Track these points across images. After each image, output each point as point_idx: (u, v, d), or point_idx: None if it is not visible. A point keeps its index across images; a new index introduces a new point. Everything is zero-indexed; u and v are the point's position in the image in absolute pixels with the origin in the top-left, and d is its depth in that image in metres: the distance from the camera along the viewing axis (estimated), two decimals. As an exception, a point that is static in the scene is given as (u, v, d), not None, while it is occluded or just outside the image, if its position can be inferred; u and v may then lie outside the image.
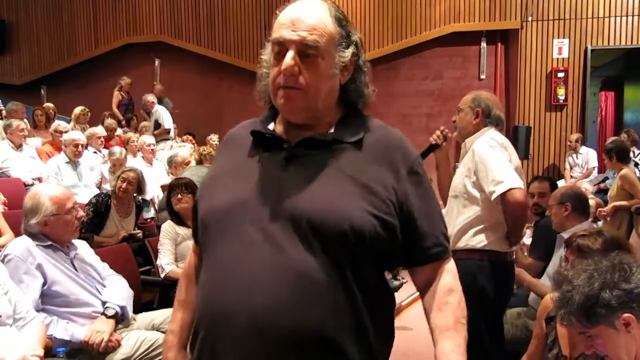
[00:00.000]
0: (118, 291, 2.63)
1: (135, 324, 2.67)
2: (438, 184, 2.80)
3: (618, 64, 9.02)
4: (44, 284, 2.35)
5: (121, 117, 9.04)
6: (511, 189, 2.29)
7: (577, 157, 7.91)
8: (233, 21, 9.93)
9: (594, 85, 8.68)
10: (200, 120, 9.90)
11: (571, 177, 7.89)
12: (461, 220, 2.47)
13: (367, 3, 9.18)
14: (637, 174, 6.87)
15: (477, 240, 2.42)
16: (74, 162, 5.13)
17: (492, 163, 2.35)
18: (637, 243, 3.32)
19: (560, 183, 7.27)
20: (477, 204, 2.43)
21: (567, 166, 8.02)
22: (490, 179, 2.34)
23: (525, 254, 3.59)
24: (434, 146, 2.70)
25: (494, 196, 2.33)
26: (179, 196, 3.58)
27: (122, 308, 2.56)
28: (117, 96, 9.50)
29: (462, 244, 2.47)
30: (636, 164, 7.05)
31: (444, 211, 2.67)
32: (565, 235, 3.22)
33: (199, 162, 6.53)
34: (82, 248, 2.66)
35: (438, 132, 2.68)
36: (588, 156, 7.87)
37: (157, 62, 10.54)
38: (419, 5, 8.89)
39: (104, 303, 2.53)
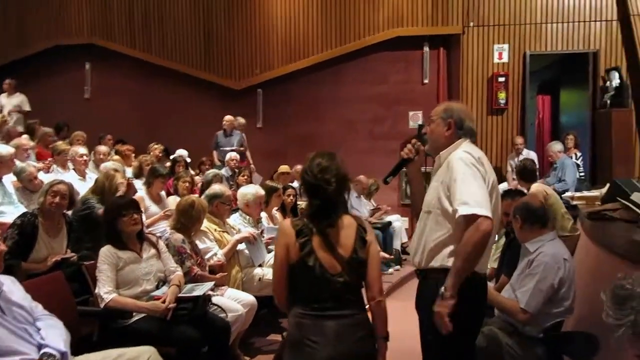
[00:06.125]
0: (57, 334, 2.30)
1: (73, 368, 2.35)
2: (411, 199, 2.67)
3: (554, 68, 9.32)
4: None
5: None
6: (477, 215, 2.14)
7: (518, 160, 8.05)
8: (170, 24, 9.50)
9: (532, 89, 8.91)
10: (134, 127, 9.39)
11: (513, 179, 8.01)
12: (435, 238, 2.32)
13: (310, 7, 9.03)
14: (578, 176, 7.09)
15: (453, 260, 2.25)
16: (-4, 178, 4.61)
17: (465, 181, 2.21)
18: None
19: (503, 186, 7.39)
20: (451, 220, 2.27)
21: (509, 169, 8.16)
22: (457, 197, 2.20)
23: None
24: (406, 160, 2.55)
25: (457, 214, 2.19)
26: (135, 216, 3.26)
27: (63, 354, 2.23)
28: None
29: (436, 263, 2.32)
30: (577, 166, 7.26)
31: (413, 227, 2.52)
32: (529, 246, 3.17)
33: (139, 172, 6.10)
34: (9, 285, 2.28)
35: (410, 146, 2.53)
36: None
37: (87, 66, 10.00)
38: (362, 9, 8.84)
39: (39, 348, 2.19)
